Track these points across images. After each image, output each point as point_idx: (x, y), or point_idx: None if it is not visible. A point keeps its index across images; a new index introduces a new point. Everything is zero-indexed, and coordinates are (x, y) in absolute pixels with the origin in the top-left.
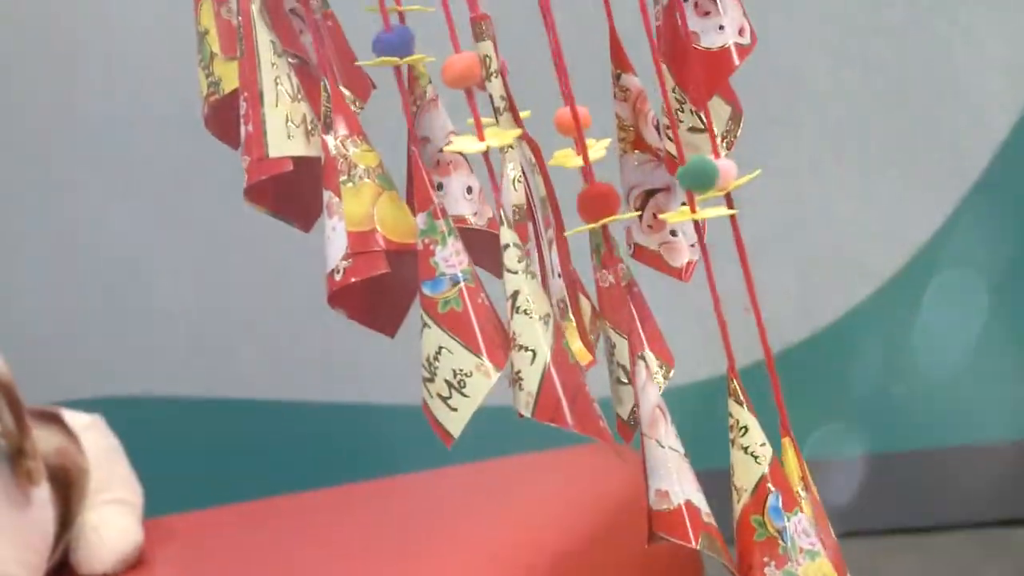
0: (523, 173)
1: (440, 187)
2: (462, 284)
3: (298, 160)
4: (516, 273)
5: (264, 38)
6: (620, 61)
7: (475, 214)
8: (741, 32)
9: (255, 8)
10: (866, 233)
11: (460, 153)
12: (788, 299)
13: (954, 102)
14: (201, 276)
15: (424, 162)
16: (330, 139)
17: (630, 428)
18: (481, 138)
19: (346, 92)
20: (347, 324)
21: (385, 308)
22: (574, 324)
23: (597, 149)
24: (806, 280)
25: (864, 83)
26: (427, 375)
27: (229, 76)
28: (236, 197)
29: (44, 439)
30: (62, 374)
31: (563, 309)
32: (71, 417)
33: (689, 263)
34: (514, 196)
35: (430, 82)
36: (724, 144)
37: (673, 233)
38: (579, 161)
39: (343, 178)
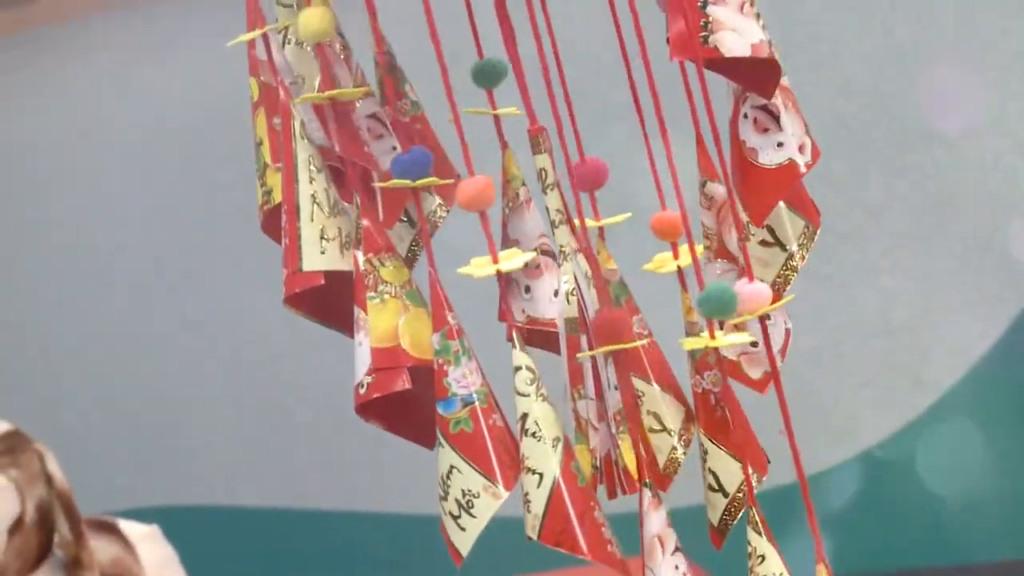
0: (577, 286)
1: (527, 290)
2: (475, 404)
3: (336, 271)
4: (527, 396)
5: (303, 155)
6: (706, 169)
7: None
8: (801, 149)
9: (297, 125)
10: (922, 344)
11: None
12: (843, 409)
13: (1010, 214)
14: (254, 382)
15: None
16: (360, 255)
17: (718, 534)
18: (495, 261)
19: (427, 195)
20: None
21: (420, 420)
22: (586, 447)
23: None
24: (862, 390)
25: (920, 194)
26: (441, 493)
27: (279, 186)
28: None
29: (101, 549)
30: (120, 483)
31: (619, 421)
32: (128, 527)
33: (767, 375)
34: (567, 309)
35: (523, 184)
36: (798, 257)
37: (753, 344)
38: (674, 266)
39: (370, 294)
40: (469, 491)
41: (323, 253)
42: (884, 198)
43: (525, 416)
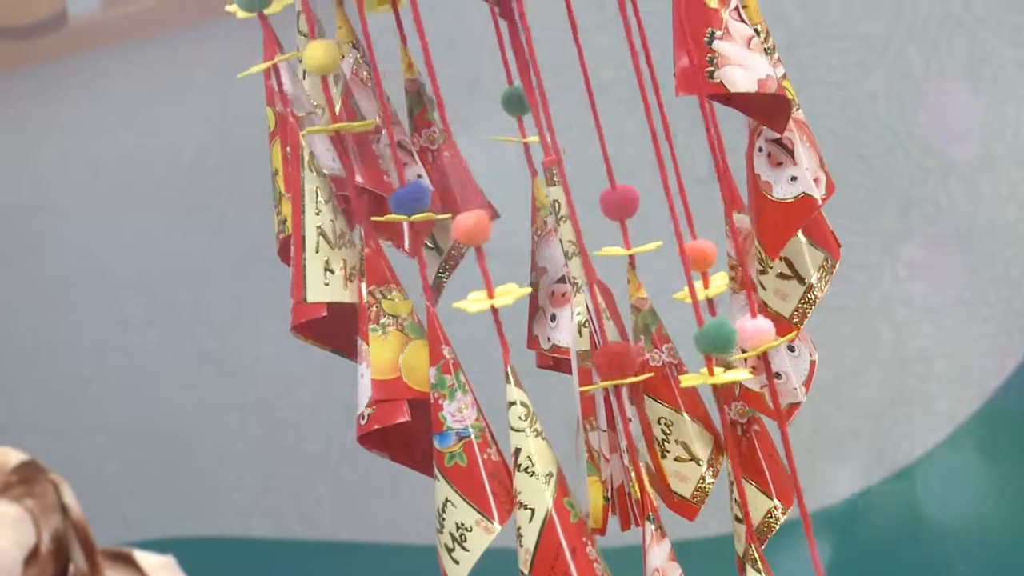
0: (590, 318)
1: (553, 318)
2: (470, 438)
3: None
4: (520, 431)
5: (310, 186)
6: (732, 200)
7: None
8: (816, 183)
9: (305, 155)
10: (936, 376)
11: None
12: (857, 440)
13: None
14: (269, 412)
15: (540, 292)
16: (364, 287)
17: (743, 564)
18: (490, 296)
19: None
20: None
21: (422, 451)
22: (598, 478)
23: (718, 285)
24: (875, 424)
25: (935, 225)
26: (437, 526)
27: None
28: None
29: None
30: (135, 513)
31: (633, 453)
32: (144, 558)
33: (790, 407)
34: (579, 341)
35: (551, 213)
36: (816, 291)
37: (777, 375)
38: (716, 291)
39: (372, 326)
40: (462, 524)
41: (327, 284)
42: (899, 230)
43: (518, 451)
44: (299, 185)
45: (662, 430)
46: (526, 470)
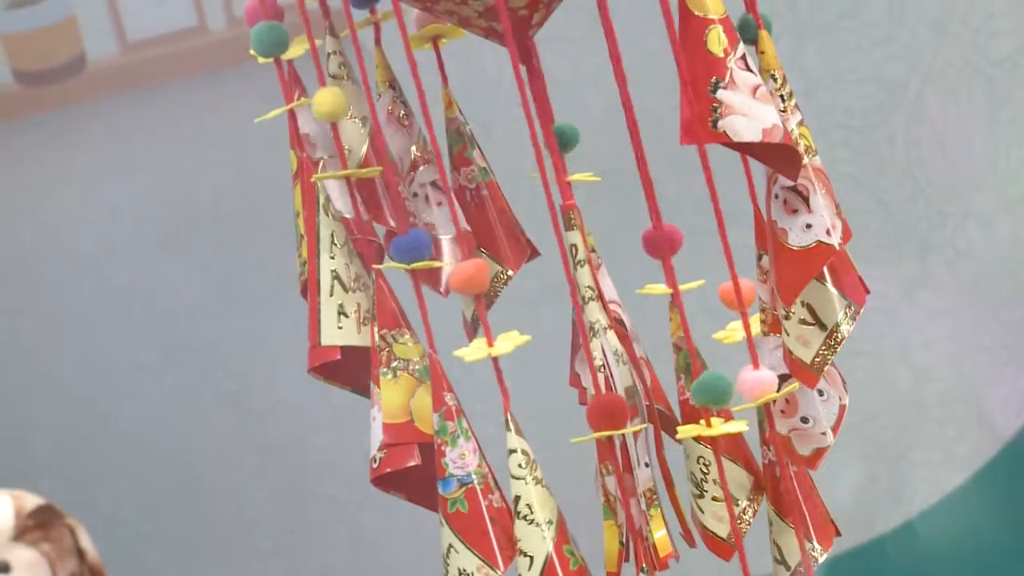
0: (606, 363)
1: (580, 361)
2: (472, 485)
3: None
4: (521, 479)
5: (325, 231)
6: (763, 242)
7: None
8: (830, 232)
9: (321, 199)
10: (956, 420)
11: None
12: (876, 485)
13: None
14: (288, 457)
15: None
16: (375, 330)
17: None
18: (490, 344)
19: (492, 261)
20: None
21: (435, 491)
22: (614, 523)
23: (759, 324)
24: (893, 467)
25: (954, 270)
26: (443, 571)
27: None
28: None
29: None
30: (151, 557)
31: (651, 498)
32: None
33: (817, 451)
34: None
35: (593, 250)
36: (837, 337)
37: (804, 420)
38: (742, 335)
39: (383, 370)
40: (465, 571)
41: (340, 328)
42: (918, 274)
43: (518, 499)
44: (315, 229)
45: (700, 469)
46: (525, 517)
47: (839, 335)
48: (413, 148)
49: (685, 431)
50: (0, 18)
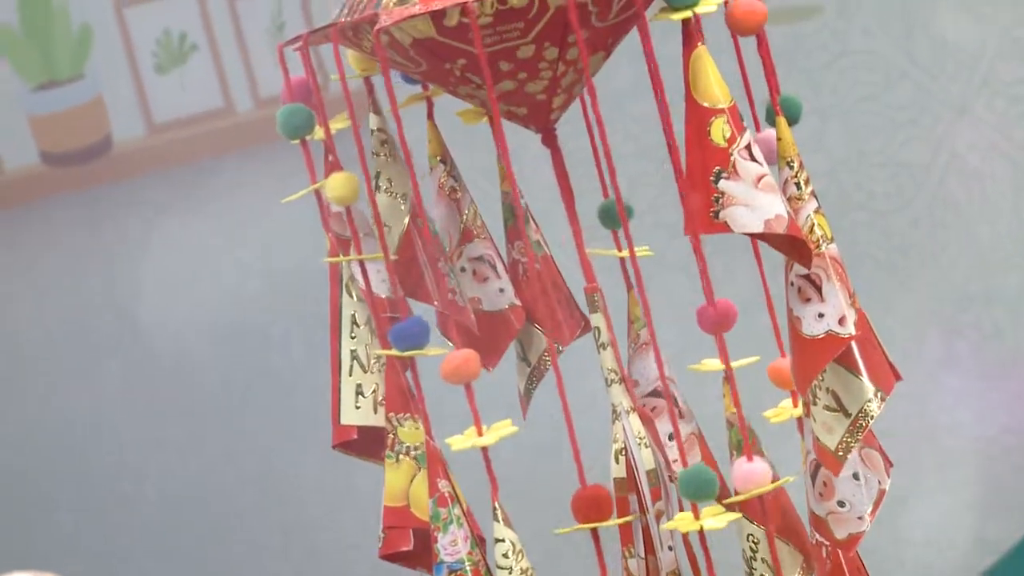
0: (627, 446)
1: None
2: (463, 571)
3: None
4: (504, 568)
5: (348, 311)
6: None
7: (675, 461)
8: (842, 322)
9: (344, 278)
10: (983, 504)
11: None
12: (902, 571)
13: None
14: (312, 538)
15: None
16: (388, 414)
17: None
18: (480, 433)
19: (539, 329)
20: None
21: None
22: None
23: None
24: (921, 552)
25: (980, 353)
26: None
27: None
28: None
29: None
30: None
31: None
32: None
33: (852, 536)
34: (615, 469)
35: (644, 326)
36: (861, 424)
37: (840, 504)
38: (791, 413)
39: (387, 452)
40: None
41: (358, 408)
42: (944, 357)
43: None
44: (337, 308)
45: (749, 547)
46: None
47: (863, 422)
48: (462, 223)
49: (673, 524)
50: (27, 99)
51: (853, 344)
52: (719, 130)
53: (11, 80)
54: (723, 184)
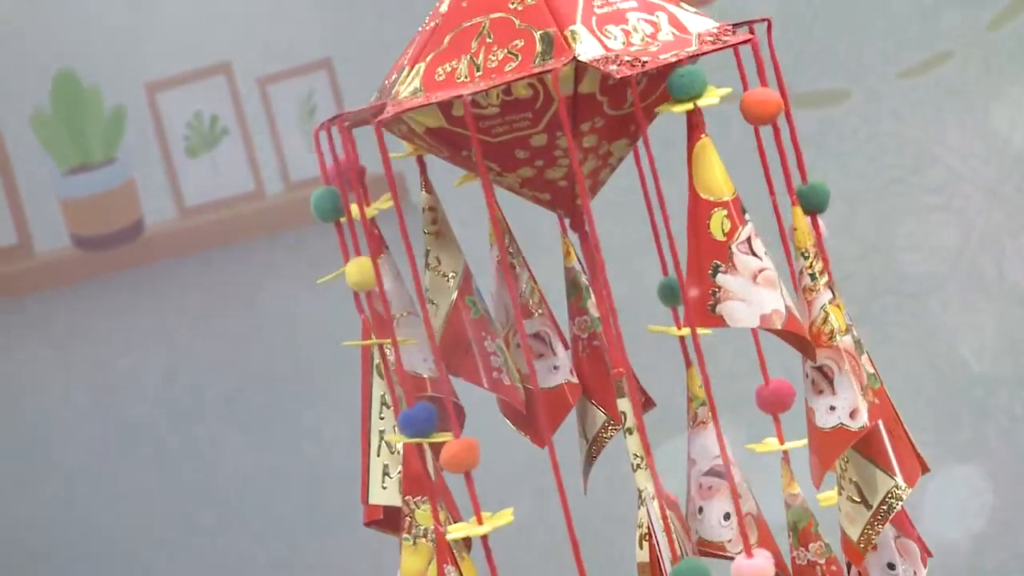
0: (652, 531)
1: (700, 511)
2: None
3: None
4: None
5: (377, 392)
6: None
7: (730, 541)
8: (853, 415)
9: (375, 360)
10: (1007, 552)
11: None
12: None
13: None
14: None
15: (691, 483)
16: (405, 497)
17: None
18: (480, 522)
19: (595, 406)
20: None
21: None
22: None
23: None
24: None
25: (1009, 437)
26: None
27: None
28: None
29: None
30: None
31: None
32: None
33: None
34: (639, 554)
35: (702, 404)
36: (881, 517)
37: (890, 566)
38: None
39: (404, 535)
40: None
41: (384, 488)
42: (973, 441)
43: None
44: (368, 388)
45: None
46: None
47: (886, 514)
48: (519, 299)
49: None
50: (59, 182)
51: (883, 433)
52: (718, 223)
53: (43, 163)
54: (720, 278)
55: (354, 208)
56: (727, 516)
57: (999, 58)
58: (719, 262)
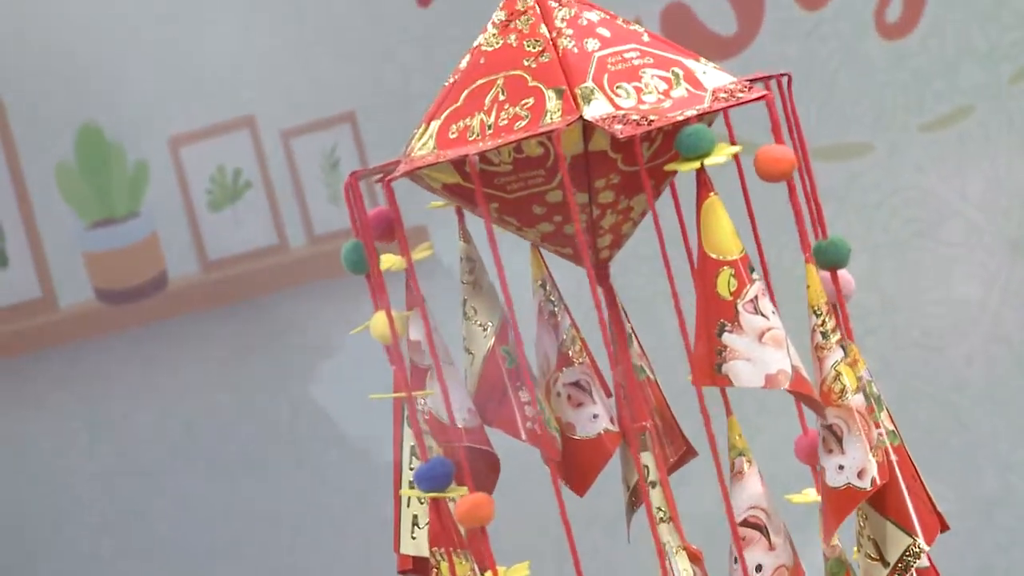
0: None
1: (735, 561)
2: None
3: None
4: None
5: (408, 443)
6: None
7: None
8: (861, 475)
9: (405, 412)
10: None
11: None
12: None
13: None
14: None
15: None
16: (432, 548)
17: None
18: (495, 573)
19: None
20: None
21: None
22: None
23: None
24: None
25: None
26: None
27: None
28: None
29: None
30: None
31: None
32: None
33: None
34: None
35: (740, 454)
36: (897, 575)
37: None
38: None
39: None
40: None
41: (414, 539)
42: (997, 492)
43: None
44: (399, 439)
45: None
46: None
47: (902, 572)
48: (559, 347)
49: None
50: (82, 236)
51: (902, 490)
52: (725, 282)
53: (67, 217)
54: (726, 337)
55: (387, 258)
56: (759, 568)
57: (1021, 112)
58: (725, 321)
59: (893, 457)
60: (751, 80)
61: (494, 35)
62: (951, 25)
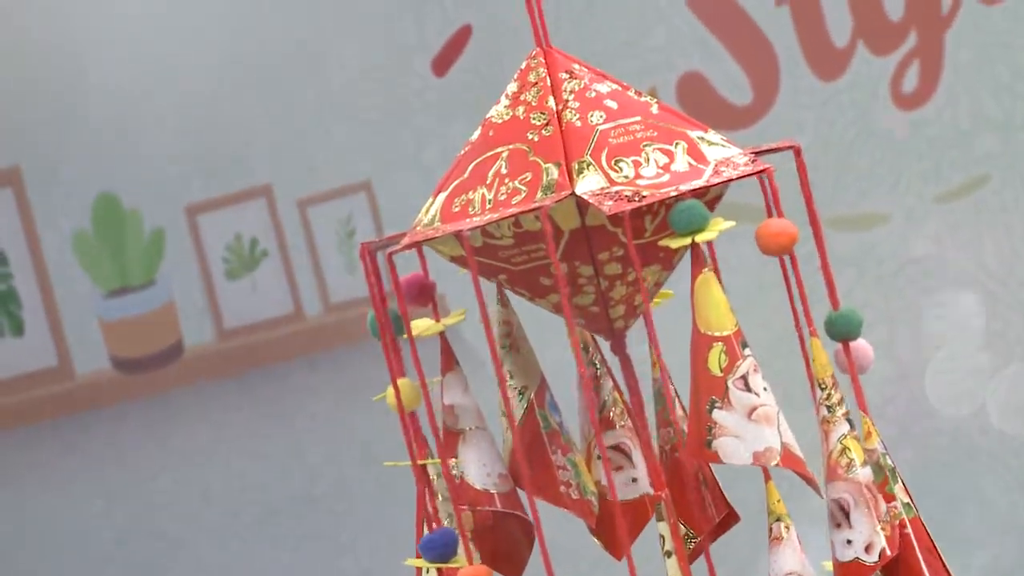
0: None
1: None
2: None
3: None
4: None
5: (441, 496)
6: None
7: None
8: (868, 550)
9: (433, 475)
10: None
11: None
12: None
13: None
14: None
15: None
16: None
17: None
18: None
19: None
20: None
21: None
22: None
23: None
24: None
25: None
26: None
27: None
28: None
29: None
30: None
31: None
32: None
33: None
34: None
35: (778, 520)
36: None
37: None
38: None
39: None
40: None
41: None
42: (1018, 562)
43: None
44: (423, 504)
45: None
46: None
47: None
48: (601, 411)
49: None
50: (99, 304)
51: (921, 564)
52: (716, 358)
53: (84, 285)
54: (716, 414)
55: (419, 323)
56: None
57: None
58: (715, 398)
59: (908, 529)
60: (757, 152)
61: (505, 107)
62: (966, 95)
